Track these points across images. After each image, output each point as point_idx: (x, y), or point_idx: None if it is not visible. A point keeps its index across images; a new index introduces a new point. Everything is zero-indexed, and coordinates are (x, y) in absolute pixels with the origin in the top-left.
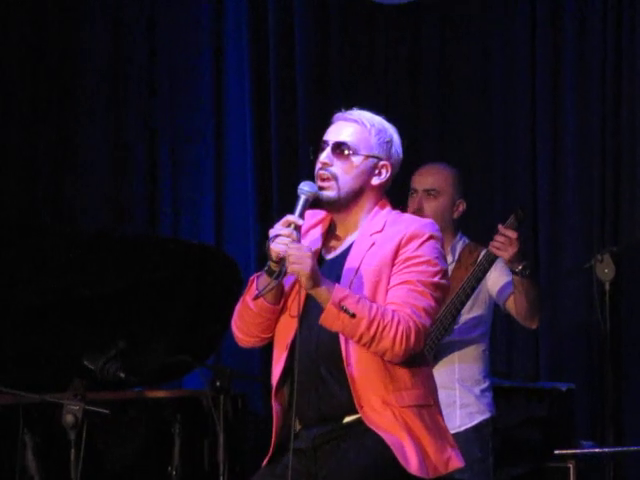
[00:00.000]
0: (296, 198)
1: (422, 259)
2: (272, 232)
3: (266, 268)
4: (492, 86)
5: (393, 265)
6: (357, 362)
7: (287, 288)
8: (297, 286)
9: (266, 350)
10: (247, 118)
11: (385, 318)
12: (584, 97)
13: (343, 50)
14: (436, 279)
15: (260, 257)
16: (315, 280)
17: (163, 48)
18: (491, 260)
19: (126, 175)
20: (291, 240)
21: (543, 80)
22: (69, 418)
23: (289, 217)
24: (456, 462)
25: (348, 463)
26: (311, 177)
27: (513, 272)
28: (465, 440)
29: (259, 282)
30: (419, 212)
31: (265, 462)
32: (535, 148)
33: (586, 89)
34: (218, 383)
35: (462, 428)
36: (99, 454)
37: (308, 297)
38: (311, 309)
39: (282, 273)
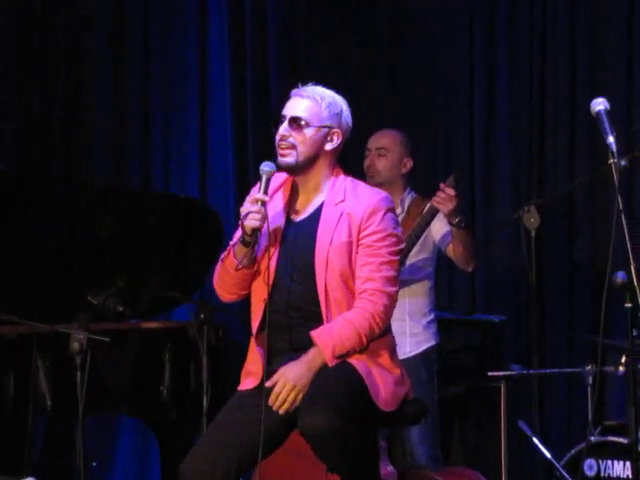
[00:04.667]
0: (259, 178)
1: (385, 232)
2: (243, 210)
3: (241, 240)
4: (437, 59)
5: (359, 238)
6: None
7: (259, 253)
8: (268, 254)
9: None
10: (227, 92)
11: (364, 323)
12: (515, 82)
13: (309, 28)
14: (398, 247)
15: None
16: (311, 373)
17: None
18: (433, 213)
19: (124, 139)
20: (261, 216)
21: (480, 52)
22: (75, 345)
23: (256, 195)
24: (411, 394)
25: (323, 378)
26: None
27: (450, 224)
28: (414, 364)
29: (235, 251)
30: (371, 167)
31: (248, 387)
32: (472, 121)
33: (516, 60)
34: (202, 316)
35: (412, 354)
36: (101, 376)
37: (279, 261)
38: (284, 270)
39: (255, 243)
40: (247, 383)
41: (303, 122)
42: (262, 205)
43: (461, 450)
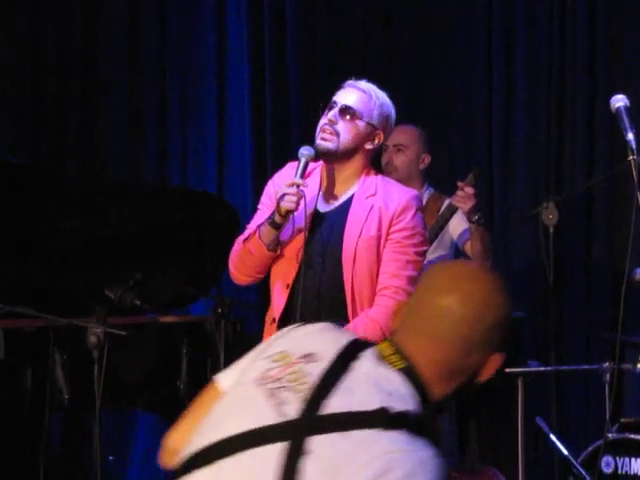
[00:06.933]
0: (297, 161)
1: (415, 231)
2: (279, 192)
3: (270, 221)
4: (454, 56)
5: (389, 232)
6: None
7: (285, 237)
8: (294, 240)
9: (261, 283)
10: (245, 85)
11: (388, 322)
12: (533, 78)
13: (328, 15)
14: (423, 248)
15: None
16: None
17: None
18: (452, 211)
19: (141, 134)
20: (297, 199)
21: (498, 52)
22: (92, 339)
23: (294, 179)
24: None
25: None
26: (299, 133)
27: (470, 221)
28: None
29: (262, 232)
30: (389, 164)
31: None
32: (490, 118)
33: (535, 59)
34: (219, 310)
35: None
36: (118, 370)
37: (308, 245)
38: (313, 256)
39: (284, 225)
40: None
41: (355, 113)
42: (298, 188)
43: (478, 446)
